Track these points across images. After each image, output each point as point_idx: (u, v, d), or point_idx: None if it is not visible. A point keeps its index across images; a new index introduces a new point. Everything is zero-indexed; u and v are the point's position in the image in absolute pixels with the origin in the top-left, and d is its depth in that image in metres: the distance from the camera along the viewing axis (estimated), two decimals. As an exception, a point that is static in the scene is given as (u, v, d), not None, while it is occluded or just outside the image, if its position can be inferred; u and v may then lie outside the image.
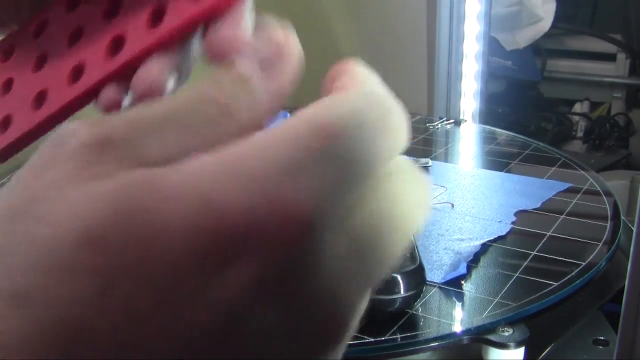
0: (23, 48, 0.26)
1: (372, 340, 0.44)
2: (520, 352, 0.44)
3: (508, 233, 0.60)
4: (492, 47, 1.24)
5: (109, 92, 0.26)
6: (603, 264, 0.54)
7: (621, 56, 1.54)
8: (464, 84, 1.07)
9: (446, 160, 0.81)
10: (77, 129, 0.16)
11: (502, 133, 0.92)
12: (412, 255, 0.47)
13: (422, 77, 1.12)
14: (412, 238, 0.50)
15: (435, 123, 0.94)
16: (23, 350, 0.13)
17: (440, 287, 0.51)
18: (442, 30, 1.05)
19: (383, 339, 0.44)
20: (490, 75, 1.12)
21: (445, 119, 0.95)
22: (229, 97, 0.18)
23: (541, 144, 0.86)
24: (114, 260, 0.14)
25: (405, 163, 0.18)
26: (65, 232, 0.14)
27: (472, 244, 0.57)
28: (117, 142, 0.16)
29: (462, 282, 0.51)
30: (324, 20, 1.19)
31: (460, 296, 0.50)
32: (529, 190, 0.69)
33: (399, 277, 0.45)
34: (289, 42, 0.20)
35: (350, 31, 1.21)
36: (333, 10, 1.19)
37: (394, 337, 0.44)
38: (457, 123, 0.95)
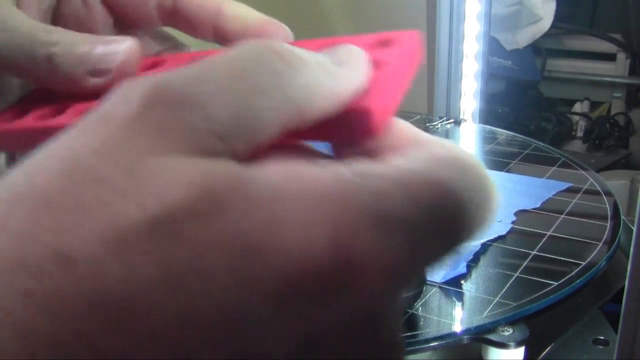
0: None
1: (372, 340, 0.44)
2: (520, 352, 0.44)
3: (508, 233, 0.60)
4: (492, 47, 1.24)
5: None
6: (603, 264, 0.54)
7: (621, 56, 1.54)
8: (464, 83, 1.07)
9: (446, 160, 0.81)
10: (162, 90, 0.14)
11: (502, 133, 0.92)
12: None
13: (422, 77, 1.12)
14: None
15: (435, 123, 0.94)
16: (61, 314, 0.12)
17: (440, 287, 0.51)
18: (442, 30, 1.05)
19: (383, 338, 0.44)
20: (490, 75, 1.12)
21: (445, 118, 0.95)
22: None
23: (541, 143, 0.86)
24: (193, 256, 0.13)
25: None
26: (143, 214, 0.13)
27: (472, 244, 0.57)
28: (210, 116, 0.14)
29: (462, 281, 0.51)
30: (324, 20, 1.19)
31: (460, 296, 0.50)
32: (529, 190, 0.69)
33: (399, 277, 0.45)
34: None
35: (350, 31, 1.21)
36: (333, 10, 1.19)
37: (394, 337, 0.44)
38: (457, 123, 0.95)
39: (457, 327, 0.46)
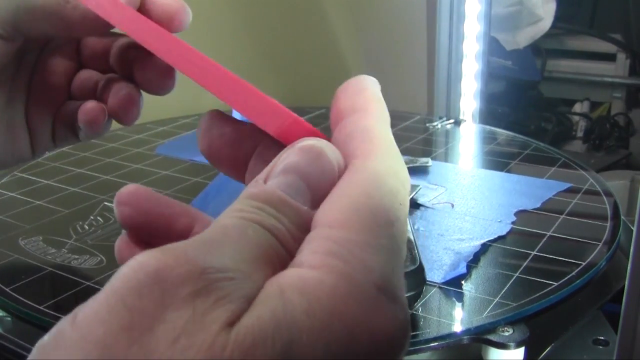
0: None
1: (372, 340, 0.44)
2: (520, 352, 0.44)
3: (508, 233, 0.60)
4: (492, 47, 1.24)
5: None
6: (603, 264, 0.54)
7: (621, 56, 1.54)
8: (464, 84, 1.07)
9: (446, 160, 0.81)
10: (173, 267, 0.16)
11: (502, 133, 0.92)
12: (412, 255, 0.47)
13: (422, 77, 1.12)
14: (412, 238, 0.50)
15: (435, 123, 0.94)
16: None
17: (440, 287, 0.51)
18: (442, 30, 1.05)
19: (383, 339, 0.44)
20: (490, 75, 1.12)
21: (445, 118, 0.95)
22: (290, 235, 0.19)
23: (541, 144, 0.86)
24: None
25: None
26: None
27: (472, 244, 0.57)
28: (215, 281, 0.16)
29: (462, 282, 0.51)
30: (324, 20, 1.19)
31: (460, 296, 0.50)
32: (529, 190, 0.69)
33: (399, 277, 0.45)
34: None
35: (350, 31, 1.21)
36: (333, 11, 1.19)
37: (394, 337, 0.44)
38: (457, 123, 0.95)
39: (457, 328, 0.46)
